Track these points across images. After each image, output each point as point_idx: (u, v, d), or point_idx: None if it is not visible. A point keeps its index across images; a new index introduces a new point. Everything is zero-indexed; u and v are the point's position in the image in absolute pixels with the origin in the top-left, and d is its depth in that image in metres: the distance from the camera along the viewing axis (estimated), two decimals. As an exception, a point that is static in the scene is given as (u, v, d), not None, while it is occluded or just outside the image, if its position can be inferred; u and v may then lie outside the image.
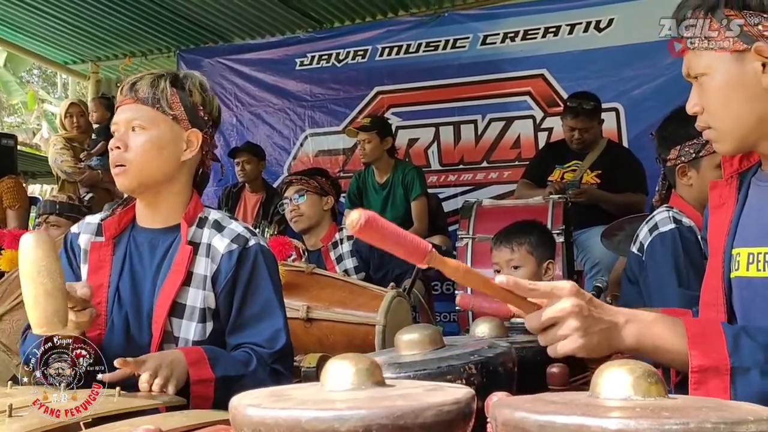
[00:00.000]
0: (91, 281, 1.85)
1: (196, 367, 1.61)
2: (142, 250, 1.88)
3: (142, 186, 1.84)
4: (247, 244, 1.83)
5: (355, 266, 3.44)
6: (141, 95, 1.82)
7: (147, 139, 1.80)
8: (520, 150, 5.62)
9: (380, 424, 0.80)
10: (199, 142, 1.85)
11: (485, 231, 3.34)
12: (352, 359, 0.94)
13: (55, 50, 7.06)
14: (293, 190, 3.64)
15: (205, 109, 1.88)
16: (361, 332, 2.45)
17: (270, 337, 1.79)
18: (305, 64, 6.35)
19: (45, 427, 1.08)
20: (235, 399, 0.91)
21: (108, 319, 1.84)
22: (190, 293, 1.80)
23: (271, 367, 1.76)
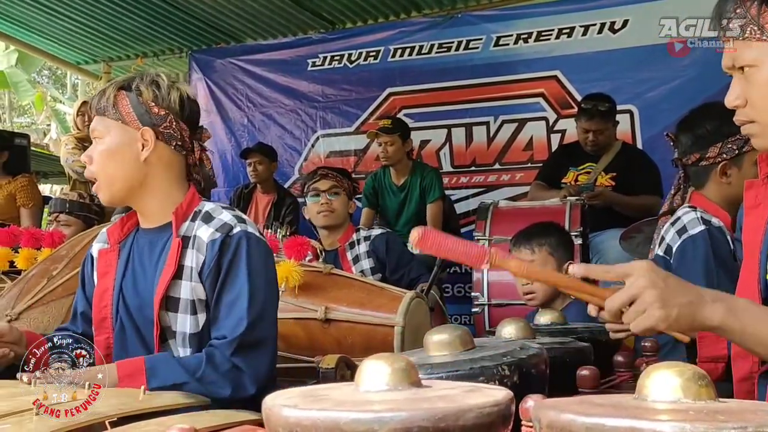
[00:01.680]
0: (98, 287, 1.91)
1: (129, 380, 1.61)
2: (142, 251, 1.90)
3: (116, 196, 1.88)
4: (231, 232, 1.79)
5: (371, 267, 3.43)
6: (95, 107, 1.87)
7: (102, 147, 1.84)
8: (532, 152, 5.59)
9: (420, 427, 0.78)
10: (152, 139, 1.83)
11: (502, 233, 3.32)
12: (388, 359, 0.92)
13: (68, 50, 7.06)
14: (328, 184, 3.60)
15: (160, 103, 1.85)
16: (379, 333, 2.43)
17: (232, 325, 1.73)
18: (317, 65, 6.33)
19: (71, 426, 1.07)
20: (269, 399, 0.89)
21: (114, 322, 1.87)
22: (182, 286, 1.79)
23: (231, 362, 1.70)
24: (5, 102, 19.14)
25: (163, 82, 1.87)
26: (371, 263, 3.47)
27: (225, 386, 1.68)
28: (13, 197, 4.81)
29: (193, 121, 1.93)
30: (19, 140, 5.66)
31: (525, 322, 1.54)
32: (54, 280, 2.66)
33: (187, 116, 1.90)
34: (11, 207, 4.79)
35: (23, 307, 2.56)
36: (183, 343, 1.79)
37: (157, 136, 1.83)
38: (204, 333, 1.79)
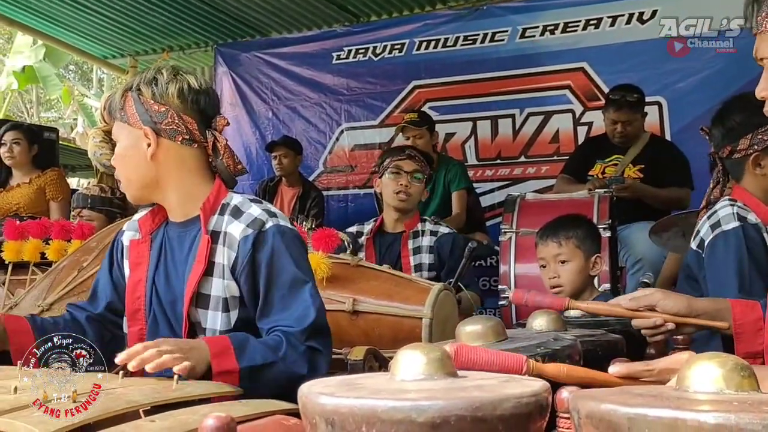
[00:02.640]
0: (131, 278, 1.92)
1: (220, 358, 1.58)
2: (173, 245, 1.90)
3: (137, 195, 1.94)
4: (263, 227, 1.79)
5: (430, 263, 3.38)
6: (110, 111, 1.92)
7: (117, 152, 1.90)
8: (558, 145, 5.55)
9: (458, 416, 0.78)
10: (153, 138, 1.83)
11: (529, 225, 3.30)
12: (424, 349, 0.92)
13: (95, 45, 7.12)
14: (413, 166, 3.54)
15: (158, 100, 1.84)
16: (407, 325, 2.42)
17: (299, 315, 1.74)
18: (342, 58, 6.33)
19: (107, 414, 1.08)
20: (305, 387, 0.90)
21: (147, 314, 1.88)
22: (213, 283, 1.79)
23: (305, 345, 1.71)
24: (33, 97, 19.36)
25: (162, 78, 1.86)
26: (431, 259, 3.41)
27: (303, 365, 1.68)
28: (42, 191, 4.86)
29: (202, 110, 1.89)
30: (47, 134, 5.72)
31: (556, 314, 1.53)
32: (84, 271, 2.69)
33: (191, 107, 1.87)
34: (41, 200, 4.84)
35: (55, 298, 2.59)
36: None
37: (158, 133, 1.83)
38: (236, 329, 1.78)
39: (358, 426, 0.80)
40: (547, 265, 2.66)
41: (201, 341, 1.63)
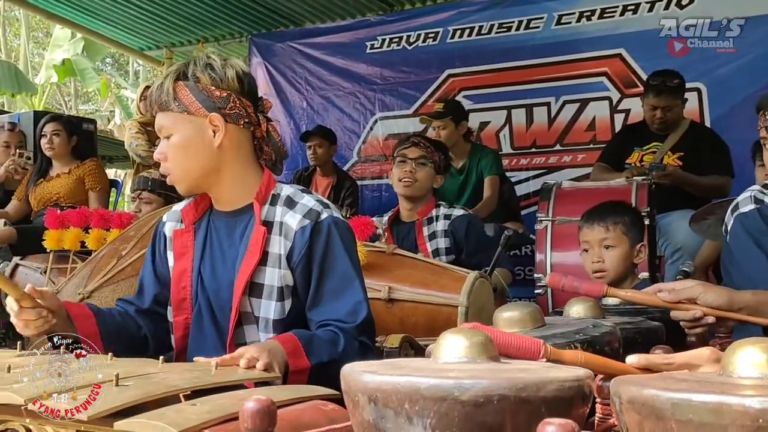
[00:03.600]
0: (176, 268, 1.91)
1: (294, 357, 1.59)
2: (220, 234, 1.90)
3: (192, 186, 1.88)
4: (320, 218, 1.80)
5: (446, 247, 3.35)
6: (156, 103, 1.84)
7: (174, 143, 1.82)
8: (595, 132, 5.49)
9: (501, 395, 0.78)
10: (223, 123, 1.80)
11: (565, 213, 3.27)
12: (466, 333, 0.92)
13: (132, 36, 7.21)
14: (417, 153, 3.49)
15: (219, 86, 1.82)
16: (443, 313, 2.42)
17: (351, 310, 1.76)
18: (376, 48, 6.32)
19: (149, 398, 1.09)
20: (348, 367, 0.90)
21: (193, 304, 1.88)
22: (267, 273, 1.79)
23: (358, 341, 1.74)
24: (71, 90, 19.64)
25: (216, 63, 1.84)
26: (447, 243, 3.37)
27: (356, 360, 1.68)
28: (81, 181, 4.92)
29: (254, 93, 1.90)
30: (86, 125, 5.79)
31: (594, 301, 1.52)
32: (123, 259, 2.72)
33: (248, 90, 1.87)
34: (80, 190, 4.90)
35: (95, 286, 2.63)
36: (266, 328, 1.79)
37: (225, 119, 1.81)
38: (289, 319, 1.79)
39: (401, 403, 0.80)
40: (591, 249, 2.63)
41: (274, 342, 1.61)
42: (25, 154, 5.20)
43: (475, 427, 0.78)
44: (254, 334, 1.81)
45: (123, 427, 1.00)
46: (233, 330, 1.79)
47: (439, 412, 0.77)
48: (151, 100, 1.85)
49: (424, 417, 0.78)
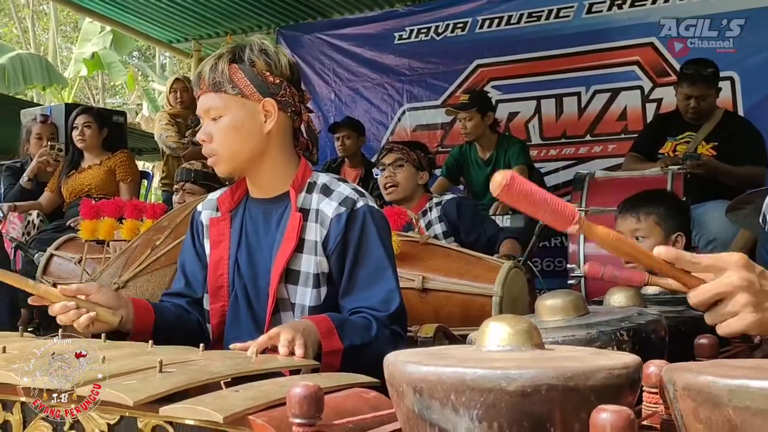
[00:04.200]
0: (213, 256, 1.91)
1: (328, 338, 1.59)
2: (256, 221, 1.90)
3: (236, 169, 1.86)
4: (355, 206, 1.80)
5: (443, 231, 3.42)
6: (207, 83, 1.81)
7: (224, 125, 1.80)
8: (626, 122, 5.44)
9: (549, 385, 0.77)
10: (275, 110, 1.81)
11: (599, 203, 3.24)
12: (510, 320, 0.91)
13: (161, 29, 7.25)
14: (393, 157, 3.60)
15: (273, 72, 1.82)
16: (477, 303, 2.42)
17: (384, 299, 1.76)
18: (404, 38, 6.30)
19: (192, 384, 1.10)
20: (391, 356, 0.90)
21: (230, 291, 1.88)
22: (303, 260, 1.80)
23: (390, 329, 1.74)
24: (99, 83, 19.83)
25: (270, 49, 1.85)
26: (443, 227, 3.45)
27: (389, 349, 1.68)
28: (112, 172, 4.96)
29: (299, 83, 1.91)
30: (116, 118, 5.82)
31: (635, 290, 1.50)
32: (157, 249, 2.74)
33: (296, 80, 1.88)
34: (111, 182, 4.94)
35: (129, 276, 2.66)
36: (302, 315, 1.79)
37: (278, 105, 1.82)
38: (325, 305, 1.79)
39: (447, 394, 0.80)
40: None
41: (308, 321, 1.62)
42: (57, 146, 5.24)
43: (523, 417, 0.77)
44: (290, 320, 1.81)
45: (168, 413, 1.01)
46: (270, 317, 1.79)
47: (486, 402, 0.77)
48: (199, 80, 1.83)
49: (471, 408, 0.77)
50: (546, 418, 0.78)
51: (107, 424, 1.09)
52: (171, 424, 1.03)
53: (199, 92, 1.84)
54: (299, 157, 1.91)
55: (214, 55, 1.84)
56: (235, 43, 1.87)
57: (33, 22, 19.59)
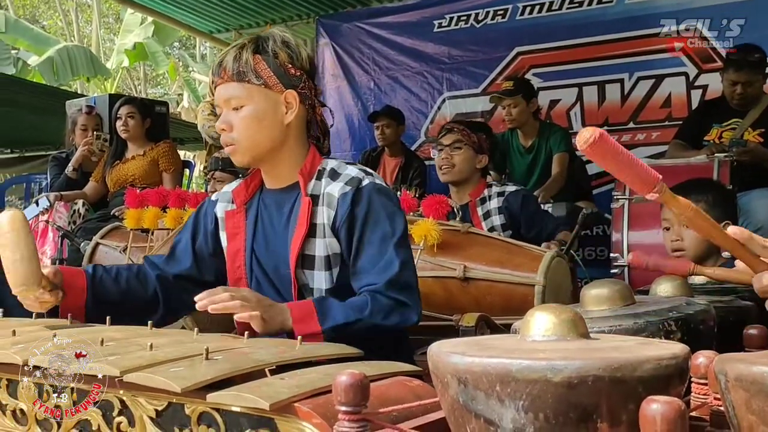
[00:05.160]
0: (230, 248, 1.94)
1: (303, 323, 1.61)
2: (270, 211, 1.92)
3: (255, 159, 1.88)
4: (361, 184, 1.80)
5: (502, 223, 3.33)
6: (229, 73, 1.82)
7: (246, 115, 1.81)
8: (670, 109, 5.34)
9: (596, 376, 0.77)
10: (297, 102, 1.83)
11: (643, 192, 3.18)
12: (555, 310, 0.91)
13: (202, 20, 7.32)
14: (451, 138, 3.50)
15: (295, 64, 1.84)
16: (519, 292, 2.40)
17: (382, 268, 1.74)
18: (443, 26, 6.26)
19: (238, 372, 1.11)
20: (435, 346, 0.90)
21: (249, 282, 1.90)
22: (315, 244, 1.81)
23: (390, 298, 1.71)
24: (140, 74, 20.08)
25: (293, 42, 1.86)
26: (502, 219, 3.36)
27: (391, 316, 1.69)
28: (155, 162, 5.02)
29: (314, 77, 1.93)
30: (158, 108, 5.88)
31: (682, 279, 1.47)
32: (200, 238, 2.77)
33: (313, 73, 1.91)
34: (154, 171, 5.00)
35: (173, 264, 2.68)
36: None
37: (299, 98, 1.84)
38: (339, 286, 1.80)
39: (492, 385, 0.79)
40: (671, 227, 2.55)
41: (285, 306, 1.66)
42: (102, 137, 5.32)
43: (569, 408, 0.77)
44: None
45: (216, 399, 1.02)
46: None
47: (532, 393, 0.76)
48: (220, 69, 1.84)
49: (516, 399, 0.77)
50: (592, 410, 0.77)
51: (155, 410, 1.11)
52: (218, 410, 1.05)
53: (220, 81, 1.85)
54: (309, 145, 1.93)
55: (236, 45, 1.85)
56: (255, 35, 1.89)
57: (77, 15, 19.89)
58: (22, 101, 7.64)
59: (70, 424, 1.20)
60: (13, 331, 1.40)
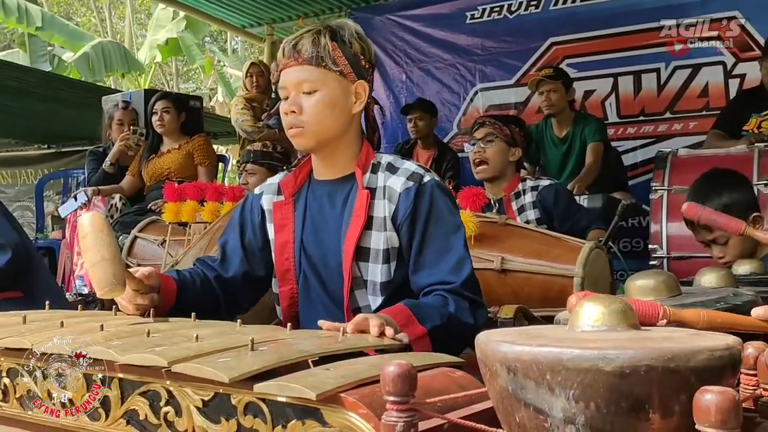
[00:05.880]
0: (278, 240, 1.93)
1: (409, 326, 1.60)
2: (321, 203, 1.91)
3: (319, 144, 1.87)
4: (423, 180, 1.81)
5: (537, 218, 3.31)
6: (305, 56, 1.80)
7: (319, 99, 1.81)
8: (708, 99, 5.27)
9: (649, 366, 0.76)
10: (366, 93, 1.85)
11: (682, 182, 3.14)
12: (605, 300, 0.90)
13: (234, 14, 7.37)
14: (483, 133, 3.47)
15: (365, 57, 1.86)
16: (557, 284, 2.39)
17: (453, 268, 1.75)
18: (476, 18, 6.23)
19: (284, 362, 1.11)
20: (483, 335, 0.90)
21: (298, 274, 1.90)
22: (372, 237, 1.81)
23: (467, 297, 1.73)
24: (172, 69, 20.25)
25: (363, 34, 1.88)
26: (537, 214, 3.34)
27: (469, 317, 1.71)
28: (191, 156, 5.07)
29: None
30: (193, 102, 5.93)
31: (727, 270, 1.46)
32: (238, 231, 2.79)
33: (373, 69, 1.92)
34: (189, 165, 5.05)
35: (212, 257, 2.71)
36: (374, 291, 1.81)
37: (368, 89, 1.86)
38: (395, 280, 1.80)
39: (542, 374, 0.79)
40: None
41: (385, 315, 1.61)
42: (138, 131, 5.38)
43: (620, 398, 0.76)
44: (365, 298, 1.84)
45: (263, 389, 1.02)
46: (348, 296, 1.81)
47: (583, 383, 0.76)
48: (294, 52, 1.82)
49: (567, 388, 0.77)
50: (644, 400, 0.77)
51: (202, 400, 1.12)
52: (264, 400, 1.05)
53: (293, 64, 1.83)
54: (363, 139, 1.94)
55: (312, 30, 1.84)
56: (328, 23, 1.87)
57: (110, 11, 20.11)
58: (59, 97, 7.75)
59: (117, 415, 1.21)
60: (61, 322, 1.42)
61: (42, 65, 12.09)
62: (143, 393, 1.18)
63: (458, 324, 1.68)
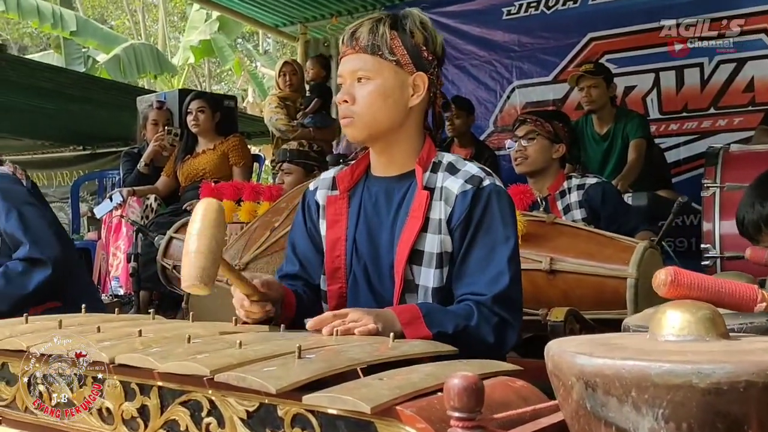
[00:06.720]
0: (329, 236, 1.85)
1: (411, 326, 1.54)
2: (377, 200, 1.83)
3: (371, 136, 1.79)
4: (482, 184, 1.72)
5: (583, 218, 3.20)
6: (362, 44, 1.74)
7: (372, 89, 1.74)
8: (753, 94, 5.11)
9: (749, 382, 0.68)
10: (425, 85, 1.75)
11: (735, 179, 3.03)
12: (690, 307, 0.82)
13: (267, 13, 7.35)
14: (524, 130, 3.36)
15: (428, 48, 1.77)
16: (610, 286, 2.29)
17: (489, 281, 1.66)
18: (512, 14, 6.13)
19: (330, 372, 1.05)
20: (554, 344, 0.82)
21: (348, 273, 1.83)
22: (427, 239, 1.73)
23: (496, 315, 1.63)
24: (205, 71, 20.38)
25: (429, 25, 1.79)
26: (583, 213, 3.20)
27: (490, 334, 1.62)
28: (226, 156, 5.03)
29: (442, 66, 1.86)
30: (227, 102, 5.90)
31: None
32: (276, 231, 2.74)
33: (442, 62, 1.83)
34: (224, 165, 5.01)
35: (249, 258, 2.67)
36: (425, 297, 1.73)
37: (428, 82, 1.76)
38: (446, 287, 1.72)
39: (626, 391, 0.71)
40: None
41: (388, 310, 1.59)
42: (173, 131, 5.37)
43: (716, 418, 0.69)
44: (415, 302, 1.75)
45: (312, 401, 0.96)
46: (398, 300, 1.73)
47: (674, 401, 0.69)
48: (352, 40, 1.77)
49: (656, 406, 0.70)
50: (742, 420, 0.69)
51: (246, 411, 1.06)
52: (312, 412, 0.99)
53: (350, 52, 1.77)
54: (425, 136, 1.85)
55: (371, 18, 1.78)
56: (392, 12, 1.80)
57: (143, 14, 20.30)
58: (94, 98, 7.79)
59: (157, 425, 1.16)
60: (98, 327, 1.37)
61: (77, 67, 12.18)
62: (184, 402, 1.13)
63: (474, 339, 1.59)
